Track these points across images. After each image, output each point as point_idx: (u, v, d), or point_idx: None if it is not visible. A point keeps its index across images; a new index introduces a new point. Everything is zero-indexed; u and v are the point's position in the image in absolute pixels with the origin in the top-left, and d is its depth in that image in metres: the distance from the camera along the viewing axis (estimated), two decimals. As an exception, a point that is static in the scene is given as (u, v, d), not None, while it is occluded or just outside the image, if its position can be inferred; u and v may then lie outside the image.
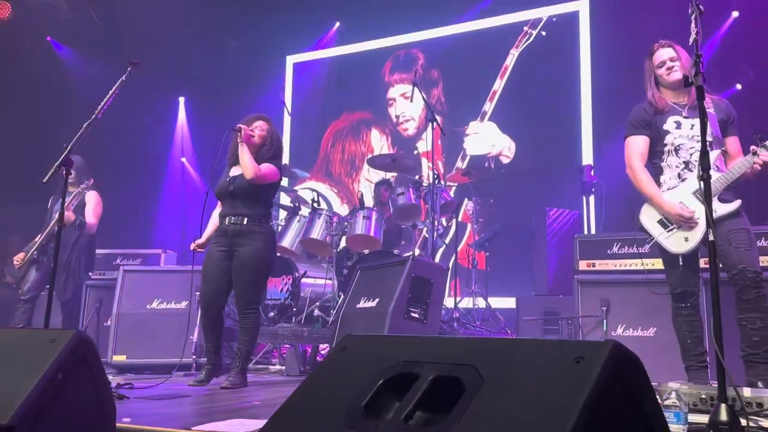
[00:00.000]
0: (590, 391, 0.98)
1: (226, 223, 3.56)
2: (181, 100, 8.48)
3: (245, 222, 3.49)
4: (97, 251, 5.18)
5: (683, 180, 2.90)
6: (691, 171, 2.86)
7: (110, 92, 2.98)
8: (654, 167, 3.00)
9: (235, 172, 3.60)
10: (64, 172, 2.93)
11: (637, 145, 2.98)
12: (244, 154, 3.48)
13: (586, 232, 5.64)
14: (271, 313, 4.93)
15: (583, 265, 4.03)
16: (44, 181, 2.89)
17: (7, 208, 6.75)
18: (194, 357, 4.20)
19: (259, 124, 3.64)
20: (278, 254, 5.20)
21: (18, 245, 5.34)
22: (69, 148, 2.89)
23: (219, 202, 3.75)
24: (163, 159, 7.98)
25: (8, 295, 5.33)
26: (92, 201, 4.91)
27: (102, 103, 2.95)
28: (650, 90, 2.97)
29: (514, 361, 1.13)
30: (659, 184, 2.96)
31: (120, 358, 4.33)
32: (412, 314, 3.47)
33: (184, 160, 8.13)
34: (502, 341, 1.25)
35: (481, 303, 5.36)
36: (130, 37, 7.01)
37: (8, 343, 1.66)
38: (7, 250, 6.27)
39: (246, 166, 3.45)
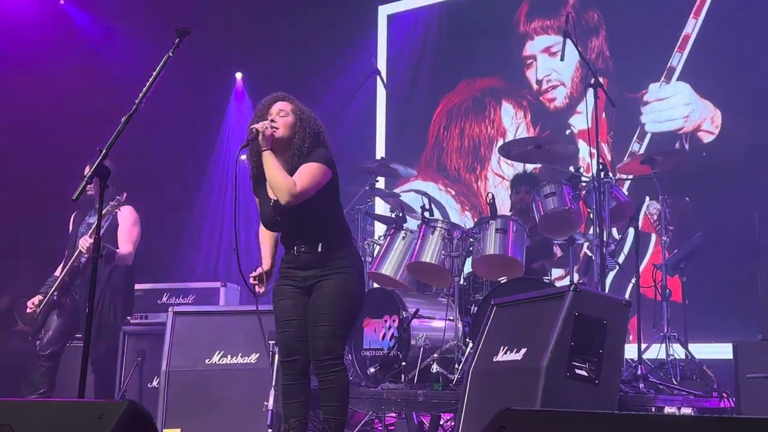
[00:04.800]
0: None
1: (295, 252, 3.65)
2: (238, 76, 8.69)
3: (320, 248, 3.59)
4: (137, 287, 5.33)
5: None
6: None
7: (154, 73, 3.04)
8: None
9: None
10: (99, 184, 3.03)
11: None
12: (271, 167, 3.49)
13: (839, 242, 5.36)
14: (371, 369, 5.01)
15: (841, 293, 3.84)
16: (74, 198, 3.00)
17: (15, 230, 7.13)
18: (270, 431, 4.27)
19: (279, 106, 3.64)
20: (377, 285, 5.43)
21: (31, 281, 5.72)
22: (104, 151, 2.97)
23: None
24: (217, 160, 8.26)
25: (22, 347, 5.67)
26: (127, 221, 5.06)
27: (144, 89, 3.01)
28: None
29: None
30: None
31: (173, 432, 4.48)
32: (578, 371, 3.44)
33: (245, 158, 8.29)
34: (745, 423, 1.18)
35: (678, 352, 5.23)
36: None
37: (47, 419, 1.77)
38: (18, 287, 6.67)
39: (277, 187, 3.48)
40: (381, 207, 7.07)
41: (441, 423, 4.86)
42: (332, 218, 3.67)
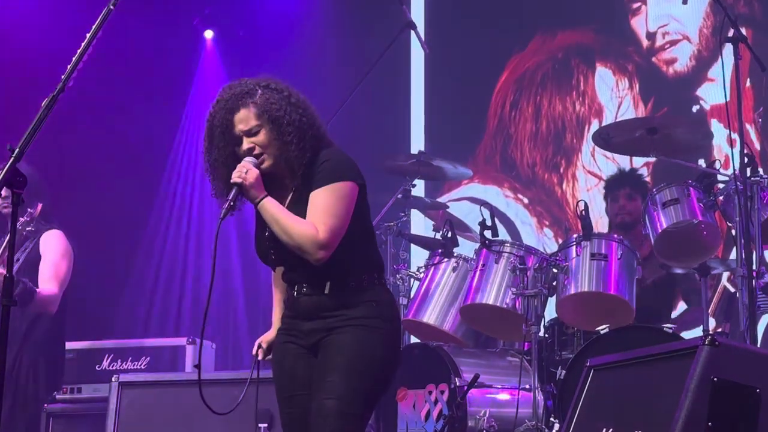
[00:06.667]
0: None
1: (296, 294, 3.51)
2: (208, 36, 8.56)
3: (327, 290, 3.43)
4: (68, 346, 5.30)
5: None
6: None
7: (89, 35, 2.96)
8: None
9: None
10: (10, 197, 2.96)
11: None
12: (278, 221, 3.37)
13: None
14: (413, 463, 5.05)
15: None
16: None
17: None
18: None
19: (241, 120, 3.37)
20: (416, 340, 5.51)
21: None
22: (18, 150, 2.89)
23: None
24: (181, 163, 8.11)
25: None
26: (54, 251, 5.02)
27: (72, 63, 2.92)
28: None
29: None
30: None
31: None
32: (719, 466, 3.24)
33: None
34: None
35: None
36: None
37: None
38: None
39: (297, 245, 3.35)
40: (420, 224, 7.03)
41: None
42: (353, 246, 3.43)
